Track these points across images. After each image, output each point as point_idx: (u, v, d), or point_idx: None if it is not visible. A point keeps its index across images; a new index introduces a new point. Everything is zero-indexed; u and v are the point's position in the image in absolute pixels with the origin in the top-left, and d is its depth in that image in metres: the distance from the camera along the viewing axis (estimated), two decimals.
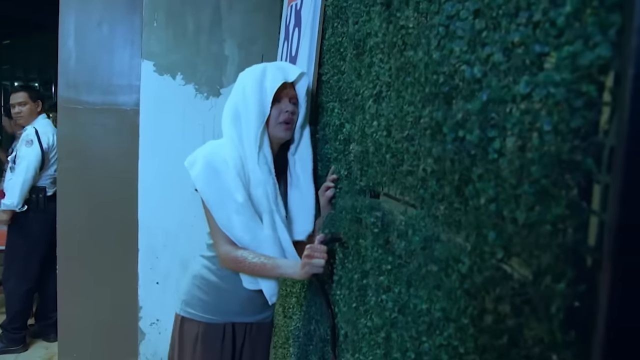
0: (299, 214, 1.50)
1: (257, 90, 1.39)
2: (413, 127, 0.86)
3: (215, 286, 1.49)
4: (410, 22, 0.87)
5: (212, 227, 1.42)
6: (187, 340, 1.51)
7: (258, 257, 1.35)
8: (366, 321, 1.11)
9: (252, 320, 1.56)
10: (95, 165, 2.88)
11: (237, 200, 1.35)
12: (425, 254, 0.80)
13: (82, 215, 2.91)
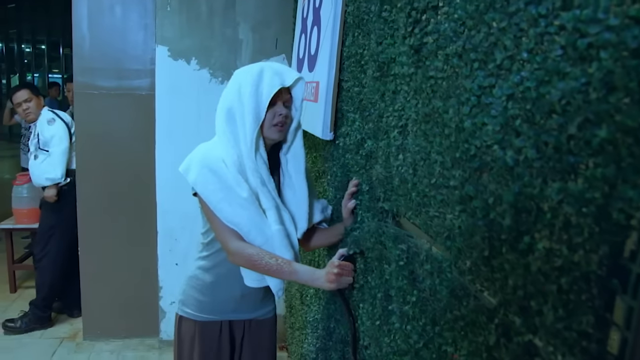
0: (293, 212, 1.51)
1: (253, 93, 1.37)
2: (441, 178, 0.88)
3: (210, 286, 1.53)
4: (439, 74, 0.88)
5: (218, 227, 1.40)
6: (185, 339, 1.57)
7: (275, 259, 1.36)
8: (390, 341, 1.17)
9: (251, 317, 1.60)
10: (112, 149, 2.93)
11: (241, 195, 1.37)
12: (453, 303, 0.85)
13: (101, 198, 2.97)
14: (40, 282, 3.24)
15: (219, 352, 1.57)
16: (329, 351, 1.77)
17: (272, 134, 1.43)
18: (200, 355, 1.54)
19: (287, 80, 1.41)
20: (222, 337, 1.57)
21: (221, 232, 1.40)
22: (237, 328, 1.59)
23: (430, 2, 0.90)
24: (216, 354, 1.57)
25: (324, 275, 1.34)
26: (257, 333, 1.63)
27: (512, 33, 0.67)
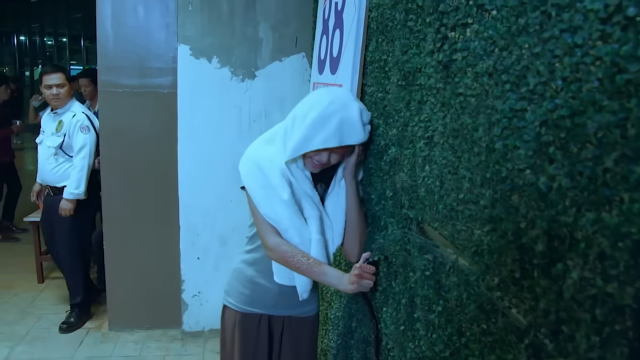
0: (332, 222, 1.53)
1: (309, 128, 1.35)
2: (469, 194, 0.90)
3: (251, 280, 1.60)
4: (469, 91, 0.89)
5: (259, 222, 1.47)
6: (227, 327, 1.66)
7: (307, 258, 1.41)
8: (414, 347, 1.19)
9: (290, 314, 1.65)
10: (136, 146, 2.97)
11: (281, 196, 1.41)
12: (480, 317, 0.86)
13: (125, 194, 3.03)
14: (75, 286, 3.26)
15: (256, 344, 1.63)
16: (350, 349, 1.80)
17: (308, 166, 1.46)
18: (239, 345, 1.62)
19: (346, 141, 1.37)
20: (260, 330, 1.63)
21: (261, 227, 1.46)
22: (276, 323, 1.65)
23: (460, 19, 0.91)
24: (254, 346, 1.63)
25: (347, 278, 1.39)
26: (297, 330, 1.67)
27: (546, 59, 0.67)
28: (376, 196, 1.50)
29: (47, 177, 3.10)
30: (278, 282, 1.54)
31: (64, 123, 3.04)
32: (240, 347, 1.63)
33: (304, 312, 1.67)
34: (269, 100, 2.80)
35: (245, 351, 1.63)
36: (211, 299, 3.08)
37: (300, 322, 1.68)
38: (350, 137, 1.36)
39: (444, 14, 0.97)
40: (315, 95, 1.44)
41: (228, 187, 2.91)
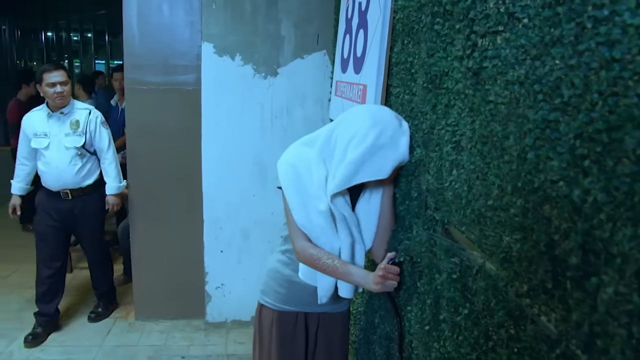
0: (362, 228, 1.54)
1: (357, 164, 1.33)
2: (499, 201, 0.90)
3: (287, 279, 1.65)
4: (499, 99, 0.89)
5: (290, 225, 1.51)
6: (264, 325, 1.71)
7: (332, 260, 1.44)
8: (439, 347, 1.20)
9: (325, 310, 1.70)
10: (161, 142, 3.02)
11: (318, 207, 1.44)
12: (508, 323, 0.87)
13: (151, 189, 3.09)
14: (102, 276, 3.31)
15: (293, 340, 1.69)
16: (372, 344, 1.82)
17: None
18: (277, 342, 1.68)
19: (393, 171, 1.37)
20: (297, 327, 1.68)
21: (292, 230, 1.50)
22: (311, 320, 1.70)
23: (490, 27, 0.91)
24: (291, 342, 1.69)
25: (372, 278, 1.41)
26: (330, 325, 1.73)
27: (582, 72, 0.68)
28: (400, 196, 1.51)
29: (69, 180, 2.89)
30: (300, 278, 1.57)
31: (81, 121, 2.90)
32: (278, 345, 1.68)
33: (337, 308, 1.72)
34: (291, 97, 2.82)
35: (283, 348, 1.68)
36: (234, 291, 3.13)
37: (332, 317, 1.73)
38: (399, 165, 1.39)
39: (474, 21, 0.97)
40: (359, 120, 1.37)
41: (251, 182, 2.94)
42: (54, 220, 2.97)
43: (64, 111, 2.88)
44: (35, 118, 2.88)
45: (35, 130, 2.84)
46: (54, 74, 2.78)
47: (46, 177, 2.90)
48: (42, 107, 2.90)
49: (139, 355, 2.89)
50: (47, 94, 2.79)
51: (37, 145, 2.85)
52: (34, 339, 2.97)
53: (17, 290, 3.69)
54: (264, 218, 3.00)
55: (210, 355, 2.91)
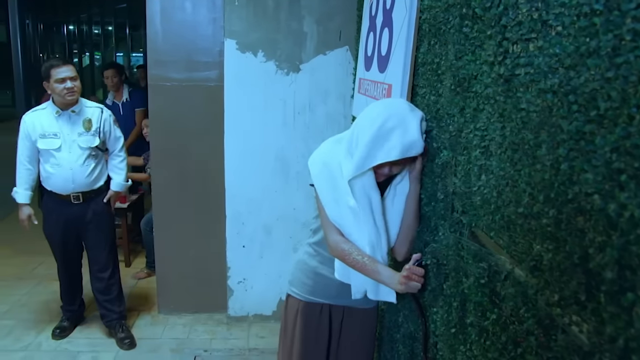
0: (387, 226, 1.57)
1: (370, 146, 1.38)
2: (529, 208, 0.90)
3: (314, 271, 1.70)
4: (532, 107, 0.89)
5: (324, 220, 1.55)
6: (289, 314, 1.77)
7: (362, 256, 1.48)
8: (466, 350, 1.21)
9: (351, 305, 1.72)
10: (184, 137, 3.06)
11: (348, 203, 1.48)
12: (538, 331, 0.88)
13: (174, 184, 3.13)
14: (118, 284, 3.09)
15: (317, 331, 1.73)
16: (395, 343, 1.83)
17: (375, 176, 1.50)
18: (300, 332, 1.73)
19: (407, 154, 1.38)
20: (321, 318, 1.73)
21: (325, 225, 1.55)
22: (336, 312, 1.74)
23: (523, 34, 0.91)
24: (315, 332, 1.73)
25: (397, 278, 1.43)
26: (356, 321, 1.75)
27: (619, 85, 0.67)
28: (426, 197, 1.51)
29: (82, 181, 2.74)
30: (336, 277, 1.60)
31: (93, 120, 2.75)
32: (301, 334, 1.73)
33: (364, 304, 1.73)
34: (314, 94, 2.83)
35: (307, 338, 1.73)
36: (256, 285, 3.17)
37: (357, 312, 1.75)
38: (411, 150, 1.38)
39: (506, 27, 0.96)
40: (373, 110, 1.44)
41: (273, 178, 2.97)
42: (66, 227, 2.81)
43: (75, 109, 2.72)
44: (41, 118, 2.69)
45: (44, 131, 2.67)
46: (63, 69, 2.60)
47: (55, 180, 2.71)
48: (47, 106, 2.71)
49: (162, 348, 2.95)
50: (56, 90, 2.61)
51: (47, 146, 2.66)
52: (61, 332, 3.02)
53: (44, 282, 3.78)
54: (286, 213, 3.02)
55: (232, 349, 2.96)
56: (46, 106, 2.71)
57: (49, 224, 2.83)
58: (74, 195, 2.75)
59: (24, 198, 2.78)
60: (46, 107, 2.71)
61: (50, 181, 2.73)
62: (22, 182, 2.76)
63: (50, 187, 2.74)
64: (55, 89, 2.61)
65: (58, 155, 2.68)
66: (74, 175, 2.71)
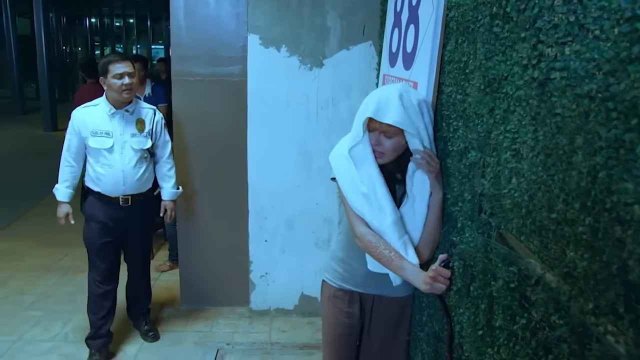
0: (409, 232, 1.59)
1: (359, 112, 1.54)
2: (563, 214, 0.89)
3: (343, 260, 1.75)
4: (567, 112, 0.87)
5: (348, 212, 1.60)
6: (323, 299, 1.85)
7: (389, 251, 1.51)
8: (494, 352, 1.20)
9: (380, 293, 1.75)
10: (207, 132, 3.08)
11: (361, 189, 1.53)
12: (571, 339, 0.87)
13: (197, 179, 3.16)
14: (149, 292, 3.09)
15: (348, 317, 1.77)
16: (419, 341, 1.83)
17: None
18: (333, 315, 1.79)
19: (380, 115, 1.46)
20: (352, 305, 1.77)
21: (350, 216, 1.59)
22: (366, 300, 1.77)
23: (559, 38, 0.89)
24: (346, 318, 1.77)
25: (423, 277, 1.45)
26: (387, 309, 1.78)
27: None
28: (452, 197, 1.50)
29: (133, 184, 2.63)
30: (371, 270, 1.64)
31: (146, 122, 2.66)
32: (333, 318, 1.78)
33: (394, 293, 1.75)
34: (337, 89, 2.82)
35: (337, 323, 1.78)
36: (278, 279, 3.19)
37: (390, 302, 1.78)
38: (386, 114, 1.45)
39: (541, 30, 0.94)
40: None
41: (296, 172, 2.97)
42: (109, 233, 2.67)
43: (129, 109, 2.61)
44: (93, 114, 2.57)
45: (95, 128, 2.55)
46: (121, 65, 2.50)
47: (105, 181, 2.59)
48: (100, 103, 2.60)
49: (185, 341, 2.99)
50: (113, 87, 2.50)
51: (99, 145, 2.55)
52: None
53: (70, 274, 3.87)
54: (308, 208, 3.03)
55: (254, 343, 2.99)
56: (98, 102, 2.61)
57: (92, 227, 2.66)
58: (123, 198, 2.63)
59: (63, 196, 2.66)
60: (98, 104, 2.60)
61: (101, 183, 2.60)
62: (64, 180, 2.65)
63: (98, 188, 2.61)
64: (113, 85, 2.50)
65: (109, 156, 2.56)
66: (125, 178, 2.59)
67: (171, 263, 3.93)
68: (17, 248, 4.34)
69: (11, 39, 12.04)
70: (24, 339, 2.98)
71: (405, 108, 1.45)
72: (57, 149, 2.79)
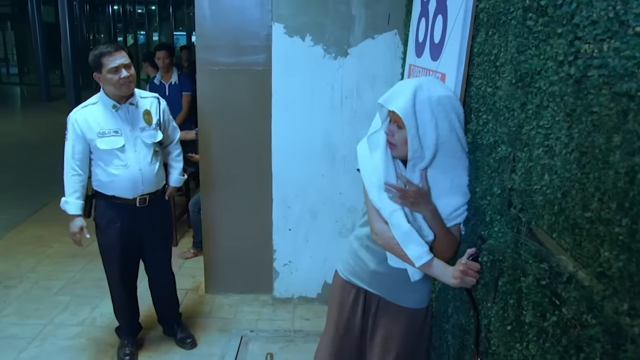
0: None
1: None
2: (597, 214, 0.88)
3: (355, 252, 1.75)
4: (604, 110, 0.86)
5: (368, 206, 1.57)
6: (333, 288, 1.86)
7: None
8: (522, 348, 1.21)
9: (386, 297, 1.72)
10: (232, 121, 3.10)
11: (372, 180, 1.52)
12: (605, 339, 0.86)
13: (222, 168, 3.19)
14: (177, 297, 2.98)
15: (351, 311, 1.76)
16: (445, 333, 1.83)
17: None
18: (337, 306, 1.79)
19: (389, 103, 1.45)
20: (356, 302, 1.76)
21: (370, 211, 1.56)
22: (371, 300, 1.75)
23: (598, 35, 0.87)
24: (348, 312, 1.77)
25: (451, 272, 1.44)
26: (391, 316, 1.73)
27: None
28: (481, 190, 1.49)
29: (152, 182, 2.48)
30: (391, 265, 1.61)
31: (152, 112, 2.48)
32: (337, 308, 1.79)
33: (401, 301, 1.71)
34: (361, 78, 2.81)
35: (341, 314, 1.78)
36: (301, 268, 3.22)
37: (395, 310, 1.72)
38: (393, 101, 1.43)
39: (578, 26, 0.93)
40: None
41: (320, 162, 2.98)
42: (127, 237, 2.53)
43: (133, 101, 2.40)
44: (95, 114, 2.34)
45: (102, 129, 2.33)
46: (116, 57, 2.24)
47: (120, 183, 2.39)
48: (98, 100, 2.38)
49: (210, 328, 3.05)
50: (110, 81, 2.27)
51: (109, 145, 2.33)
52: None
53: (96, 260, 3.90)
54: (332, 198, 3.04)
55: (277, 330, 3.03)
56: (97, 100, 2.38)
57: (108, 235, 2.49)
58: (141, 198, 2.45)
59: (75, 209, 2.42)
60: (97, 102, 2.37)
61: (115, 185, 2.39)
62: (73, 190, 2.40)
63: (113, 191, 2.41)
64: (110, 80, 2.27)
65: (123, 156, 2.36)
66: (143, 176, 2.42)
67: (195, 250, 3.99)
68: (46, 234, 4.45)
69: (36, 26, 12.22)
70: (54, 323, 3.07)
71: (415, 101, 1.39)
72: None
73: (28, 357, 2.72)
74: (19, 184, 5.93)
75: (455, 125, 1.45)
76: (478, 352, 1.52)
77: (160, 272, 2.76)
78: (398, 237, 1.47)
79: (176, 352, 2.80)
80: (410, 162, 1.46)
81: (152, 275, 2.77)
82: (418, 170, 1.48)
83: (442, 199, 1.51)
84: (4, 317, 3.11)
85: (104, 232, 2.49)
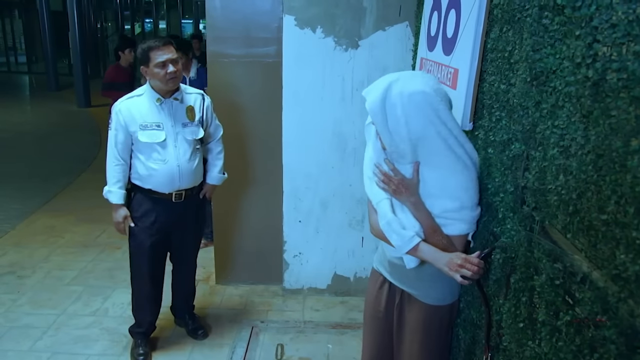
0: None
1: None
2: (613, 216, 0.88)
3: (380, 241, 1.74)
4: (623, 114, 0.86)
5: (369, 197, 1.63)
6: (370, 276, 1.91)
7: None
8: (535, 346, 1.22)
9: (406, 289, 1.72)
10: (243, 113, 3.11)
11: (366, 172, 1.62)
12: (620, 341, 0.87)
13: (233, 159, 3.19)
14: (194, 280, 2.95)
15: (376, 300, 1.81)
16: (456, 327, 1.85)
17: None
18: (367, 295, 1.86)
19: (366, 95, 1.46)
20: (382, 289, 1.79)
21: (369, 203, 1.63)
22: (395, 291, 1.76)
23: (617, 38, 0.87)
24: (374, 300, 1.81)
25: (447, 259, 1.45)
26: (411, 309, 1.72)
27: None
28: (494, 187, 1.49)
29: (189, 178, 2.47)
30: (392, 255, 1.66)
31: (196, 108, 2.47)
32: (366, 296, 1.85)
33: (420, 296, 1.70)
34: (372, 70, 2.80)
35: (368, 302, 1.84)
36: (311, 259, 3.24)
37: (415, 303, 1.71)
38: (369, 95, 1.43)
39: (597, 29, 0.92)
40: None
41: (330, 153, 2.99)
42: (159, 233, 2.52)
43: (177, 96, 2.40)
44: (139, 106, 2.35)
45: (144, 121, 2.33)
46: (164, 51, 2.25)
47: (158, 177, 2.39)
48: (144, 92, 2.38)
49: (221, 318, 3.07)
50: (157, 76, 2.28)
51: (150, 139, 2.34)
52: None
53: (107, 250, 3.99)
54: (342, 189, 3.05)
55: (287, 321, 3.05)
56: (142, 92, 2.38)
57: (141, 228, 2.49)
58: (177, 194, 2.45)
59: (118, 198, 2.42)
60: (143, 94, 2.38)
61: (153, 179, 2.40)
62: (116, 180, 2.40)
63: (150, 185, 2.41)
64: (156, 74, 2.27)
65: (163, 151, 2.36)
66: (181, 172, 2.41)
67: (206, 241, 4.02)
68: (57, 224, 4.49)
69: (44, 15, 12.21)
70: (66, 313, 3.12)
71: (386, 95, 1.40)
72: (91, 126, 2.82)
73: (43, 346, 2.77)
74: (30, 174, 5.98)
75: (434, 121, 1.41)
76: (489, 347, 1.54)
77: (184, 267, 2.78)
78: (382, 226, 1.54)
79: (188, 342, 2.84)
80: (392, 156, 1.51)
81: (178, 272, 2.81)
82: (405, 164, 1.50)
83: (431, 196, 1.52)
84: (19, 307, 3.16)
85: (136, 224, 2.49)
